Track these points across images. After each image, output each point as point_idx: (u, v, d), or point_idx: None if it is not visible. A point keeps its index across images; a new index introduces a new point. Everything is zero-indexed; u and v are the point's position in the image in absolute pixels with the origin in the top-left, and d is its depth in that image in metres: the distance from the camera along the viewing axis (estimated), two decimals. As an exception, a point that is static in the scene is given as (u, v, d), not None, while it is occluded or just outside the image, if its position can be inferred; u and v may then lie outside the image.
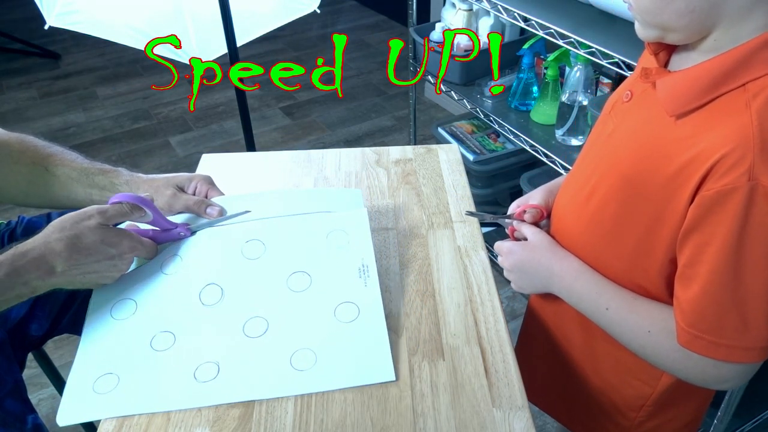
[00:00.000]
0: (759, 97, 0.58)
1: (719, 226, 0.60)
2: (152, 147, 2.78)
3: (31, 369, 1.07)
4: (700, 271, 0.63)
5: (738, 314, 0.62)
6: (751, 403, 1.43)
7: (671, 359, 0.69)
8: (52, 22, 1.58)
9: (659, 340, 0.70)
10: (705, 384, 0.70)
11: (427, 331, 0.79)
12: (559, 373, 0.93)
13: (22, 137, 0.98)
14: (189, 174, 0.94)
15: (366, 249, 0.86)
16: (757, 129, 0.57)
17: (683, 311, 0.66)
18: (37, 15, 1.58)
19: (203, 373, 0.73)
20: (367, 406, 0.70)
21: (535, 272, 0.82)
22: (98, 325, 0.78)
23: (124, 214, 0.79)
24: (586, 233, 0.78)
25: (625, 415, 0.86)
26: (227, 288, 0.81)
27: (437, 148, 1.16)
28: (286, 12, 1.85)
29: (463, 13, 1.90)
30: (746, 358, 0.64)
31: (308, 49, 3.63)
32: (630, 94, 0.73)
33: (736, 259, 0.60)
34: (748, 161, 0.57)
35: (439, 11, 2.07)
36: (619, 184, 0.71)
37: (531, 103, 1.79)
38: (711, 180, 0.60)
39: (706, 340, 0.64)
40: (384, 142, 2.77)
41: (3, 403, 0.85)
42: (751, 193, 0.57)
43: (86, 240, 0.74)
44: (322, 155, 1.15)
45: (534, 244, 0.82)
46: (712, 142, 0.59)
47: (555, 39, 1.43)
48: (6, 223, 1.07)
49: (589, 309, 0.77)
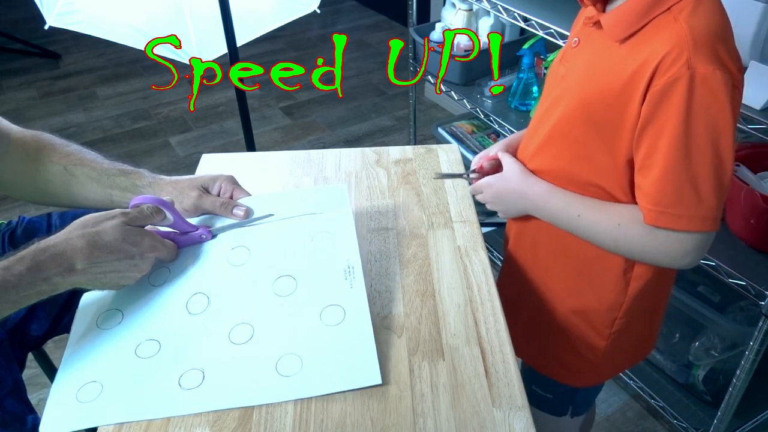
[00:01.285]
0: (683, 12, 0.72)
1: (669, 113, 0.71)
2: (152, 147, 2.78)
3: (31, 369, 1.07)
4: (657, 158, 0.74)
5: (692, 187, 0.73)
6: (751, 403, 1.43)
7: (640, 243, 0.79)
8: (52, 22, 1.58)
9: (628, 229, 0.80)
10: (671, 261, 0.79)
11: (427, 331, 0.79)
12: (536, 313, 0.99)
13: (38, 135, 0.97)
14: (212, 174, 0.93)
15: (351, 250, 0.85)
16: (688, 30, 0.70)
17: (647, 194, 0.76)
18: (37, 15, 1.58)
19: (188, 380, 0.72)
20: (367, 406, 0.70)
21: (511, 199, 0.92)
22: (83, 334, 0.77)
23: (146, 216, 0.79)
24: (555, 163, 0.87)
25: (600, 333, 0.95)
26: (213, 296, 0.80)
27: (437, 148, 1.16)
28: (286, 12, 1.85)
29: (463, 13, 1.90)
30: (703, 227, 0.75)
31: (308, 49, 3.63)
32: (578, 40, 0.85)
33: (685, 139, 0.71)
34: (685, 55, 0.69)
35: (439, 11, 2.07)
36: (579, 109, 0.81)
37: (531, 103, 1.79)
38: (657, 77, 0.71)
39: (669, 213, 0.75)
40: (384, 142, 2.77)
41: (3, 403, 0.85)
42: (691, 79, 0.69)
43: (107, 238, 0.74)
44: (322, 155, 1.15)
45: (507, 174, 0.92)
46: (654, 49, 0.71)
47: (555, 39, 1.43)
48: (6, 223, 1.07)
49: (563, 221, 0.87)
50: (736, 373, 1.24)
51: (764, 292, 1.13)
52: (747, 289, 1.16)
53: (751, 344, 1.19)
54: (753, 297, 1.16)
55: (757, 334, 1.17)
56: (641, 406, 1.65)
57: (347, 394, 0.71)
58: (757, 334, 1.17)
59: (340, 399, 0.71)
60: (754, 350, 1.19)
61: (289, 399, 0.70)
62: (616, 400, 1.66)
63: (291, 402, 0.70)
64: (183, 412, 0.69)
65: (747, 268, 1.19)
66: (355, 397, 0.71)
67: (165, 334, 0.77)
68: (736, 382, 1.25)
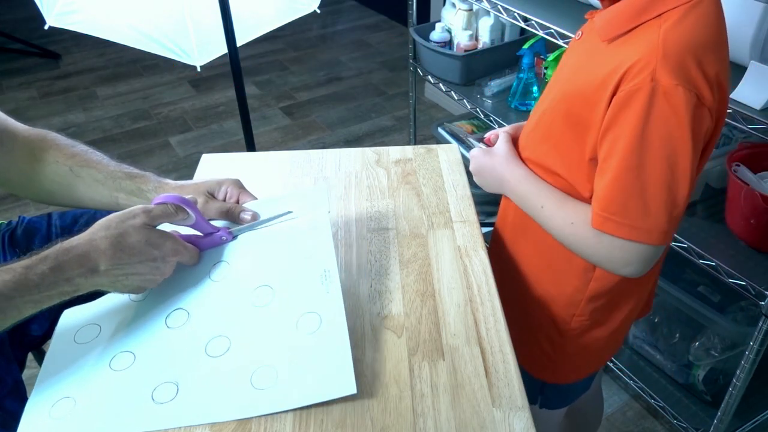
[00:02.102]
0: (668, 21, 0.71)
1: (627, 121, 0.71)
2: (152, 147, 2.78)
3: (31, 369, 1.07)
4: (611, 163, 0.74)
5: (641, 199, 0.73)
6: (751, 403, 1.43)
7: (587, 245, 0.81)
8: (52, 22, 1.58)
9: (578, 229, 0.81)
10: (613, 267, 0.80)
11: (427, 331, 0.79)
12: (510, 294, 0.98)
13: (44, 134, 0.96)
14: (218, 179, 0.91)
15: (327, 253, 0.82)
16: (662, 42, 0.70)
17: (597, 198, 0.77)
18: (37, 15, 1.58)
19: (162, 393, 0.70)
20: (367, 406, 0.70)
21: (490, 176, 0.95)
22: (59, 350, 0.76)
23: (169, 214, 0.78)
24: (538, 148, 0.89)
25: (558, 329, 0.97)
26: (193, 311, 0.79)
27: (437, 148, 1.16)
28: (286, 12, 1.85)
29: (463, 13, 1.90)
30: (647, 239, 0.75)
31: (308, 49, 3.63)
32: (581, 33, 0.86)
33: (640, 149, 0.71)
34: (651, 66, 0.69)
35: (439, 11, 2.07)
36: (562, 101, 0.83)
37: (531, 103, 1.79)
38: (623, 83, 0.71)
39: (613, 221, 0.75)
40: (384, 142, 2.77)
41: (2, 403, 0.85)
42: (653, 91, 0.69)
43: (130, 239, 0.73)
44: (322, 155, 1.15)
45: (494, 151, 0.95)
46: (628, 55, 0.72)
47: (555, 39, 1.43)
48: (6, 223, 1.07)
49: (529, 209, 0.89)
50: (736, 373, 1.24)
51: (764, 292, 1.13)
52: (747, 289, 1.16)
53: (751, 344, 1.19)
54: (753, 297, 1.16)
55: (757, 334, 1.17)
56: (641, 406, 1.65)
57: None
58: (757, 334, 1.17)
59: (340, 399, 0.71)
60: (754, 350, 1.19)
61: (262, 414, 0.68)
62: (616, 400, 1.66)
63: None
64: (155, 427, 0.67)
65: (747, 268, 1.19)
66: (355, 397, 0.71)
67: (140, 346, 0.75)
68: (736, 382, 1.25)
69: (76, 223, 1.09)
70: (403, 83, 3.18)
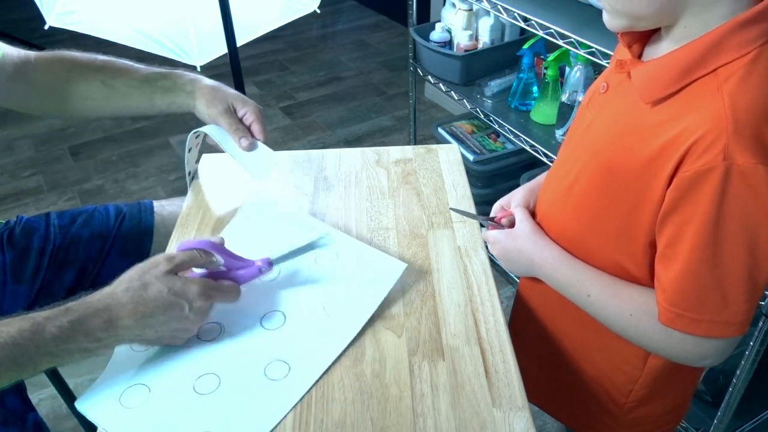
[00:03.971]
0: (730, 81, 0.60)
1: (698, 206, 0.62)
2: (152, 147, 2.78)
3: (30, 369, 1.07)
4: (680, 251, 0.65)
5: (718, 291, 0.64)
6: (751, 403, 1.43)
7: (653, 339, 0.72)
8: (52, 22, 1.58)
9: (641, 322, 0.72)
10: (686, 361, 0.72)
11: (427, 331, 0.79)
12: (548, 364, 0.94)
13: (59, 55, 0.99)
14: (244, 98, 0.99)
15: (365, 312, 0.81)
16: (730, 110, 0.59)
17: (664, 290, 0.68)
18: (37, 15, 1.58)
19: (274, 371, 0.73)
20: (367, 406, 0.70)
21: (518, 260, 0.85)
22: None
23: (194, 259, 0.75)
24: (571, 223, 0.80)
25: (616, 402, 0.87)
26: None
27: (437, 148, 1.16)
28: (286, 12, 1.85)
29: (463, 13, 1.90)
30: (726, 333, 0.66)
31: (308, 49, 3.63)
32: (606, 86, 0.75)
33: (714, 237, 0.62)
34: (722, 142, 0.59)
35: (439, 11, 2.07)
36: (599, 172, 0.73)
37: (531, 103, 1.79)
38: (688, 162, 0.61)
39: (687, 317, 0.66)
40: (384, 142, 2.77)
41: (4, 401, 0.85)
42: (727, 172, 0.59)
43: (152, 291, 0.70)
44: (322, 155, 1.15)
45: (517, 233, 0.85)
46: (687, 126, 0.61)
47: (555, 39, 1.43)
48: (5, 222, 1.07)
49: (571, 295, 0.79)
50: (736, 373, 1.24)
51: (764, 292, 1.13)
52: (747, 289, 1.16)
53: (751, 344, 1.19)
54: (753, 297, 1.15)
55: (757, 334, 1.17)
56: (641, 406, 1.64)
57: (347, 394, 0.71)
58: (757, 334, 1.17)
59: (340, 399, 0.71)
60: (754, 350, 1.19)
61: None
62: (616, 400, 1.66)
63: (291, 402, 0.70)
64: None
65: (747, 268, 1.19)
66: (355, 397, 0.71)
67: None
68: (736, 382, 1.25)
69: (74, 222, 1.09)
70: (403, 83, 3.18)
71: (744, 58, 0.60)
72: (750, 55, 0.60)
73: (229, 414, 0.69)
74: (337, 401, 0.70)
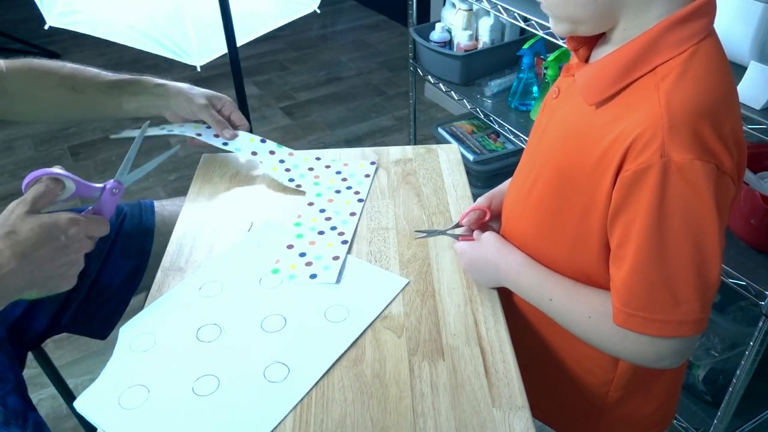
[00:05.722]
0: (667, 79, 0.61)
1: (640, 205, 0.62)
2: (152, 147, 2.77)
3: (31, 369, 1.07)
4: (628, 251, 0.65)
5: (667, 289, 0.64)
6: (751, 403, 1.43)
7: (611, 342, 0.71)
8: (52, 22, 1.58)
9: (598, 324, 0.72)
10: (645, 363, 0.72)
11: (427, 331, 0.79)
12: (528, 371, 0.92)
13: (28, 63, 1.02)
14: (218, 94, 1.09)
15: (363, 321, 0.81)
16: (665, 108, 0.60)
17: (617, 291, 0.68)
18: (37, 15, 1.57)
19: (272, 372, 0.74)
20: (367, 406, 0.70)
21: (484, 269, 0.84)
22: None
23: (46, 192, 0.73)
24: (531, 227, 0.80)
25: (593, 404, 0.87)
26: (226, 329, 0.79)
27: (437, 148, 1.16)
28: (286, 12, 1.85)
29: (463, 13, 1.90)
30: (680, 332, 0.66)
31: (308, 49, 3.62)
32: (558, 91, 0.76)
33: (658, 234, 0.62)
34: (659, 139, 0.59)
35: (439, 11, 2.07)
36: (553, 176, 0.74)
37: (531, 103, 1.79)
38: (628, 161, 0.62)
39: (639, 317, 0.66)
40: (384, 142, 2.77)
41: (5, 401, 0.85)
42: (665, 169, 0.60)
43: (23, 231, 0.69)
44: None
45: (482, 243, 0.85)
46: (627, 126, 0.62)
47: (555, 39, 1.43)
48: None
49: (535, 301, 0.79)
50: (736, 373, 1.24)
51: (764, 292, 1.13)
52: (747, 289, 1.16)
53: (751, 344, 1.19)
54: (753, 297, 1.16)
55: (757, 334, 1.17)
56: (641, 406, 1.64)
57: (347, 394, 0.71)
58: (757, 334, 1.17)
59: (340, 399, 0.71)
60: (754, 350, 1.19)
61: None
62: (616, 400, 1.66)
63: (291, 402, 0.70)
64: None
65: (747, 268, 1.19)
66: (355, 397, 0.71)
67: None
68: (736, 382, 1.25)
69: None
70: (403, 83, 3.18)
71: (680, 56, 0.61)
72: (686, 53, 0.61)
73: (228, 416, 0.69)
74: (337, 401, 0.70)
